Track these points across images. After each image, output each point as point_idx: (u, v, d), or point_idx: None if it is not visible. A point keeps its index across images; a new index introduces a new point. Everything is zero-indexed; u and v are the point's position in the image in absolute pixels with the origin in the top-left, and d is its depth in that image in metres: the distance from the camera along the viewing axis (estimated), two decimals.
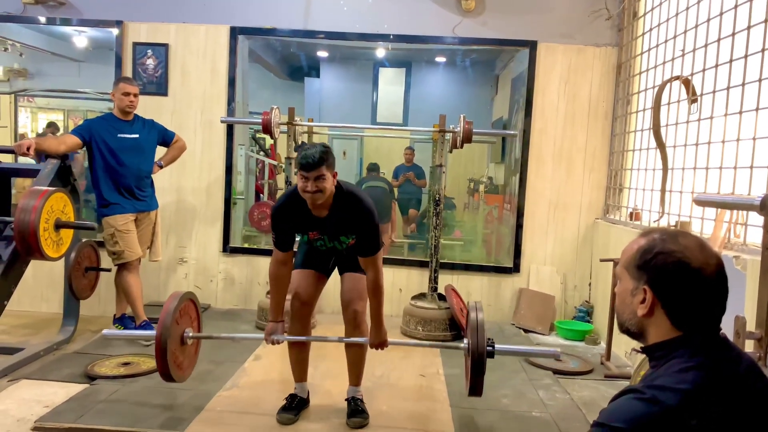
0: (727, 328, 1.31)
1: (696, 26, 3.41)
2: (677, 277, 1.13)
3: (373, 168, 6.75)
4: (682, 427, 1.02)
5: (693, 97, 3.30)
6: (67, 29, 5.37)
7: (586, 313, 4.56)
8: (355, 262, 2.72)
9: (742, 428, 1.06)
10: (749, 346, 2.04)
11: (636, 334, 1.22)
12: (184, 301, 2.68)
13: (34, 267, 3.89)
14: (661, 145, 3.51)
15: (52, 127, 6.54)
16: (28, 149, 3.35)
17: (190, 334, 2.72)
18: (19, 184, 4.73)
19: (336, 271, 2.90)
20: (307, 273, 2.79)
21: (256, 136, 6.40)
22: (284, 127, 4.33)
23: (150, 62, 4.68)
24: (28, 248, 2.97)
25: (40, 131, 6.60)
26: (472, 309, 2.59)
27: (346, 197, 2.57)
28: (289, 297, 2.77)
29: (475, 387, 2.53)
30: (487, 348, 2.49)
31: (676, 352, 1.13)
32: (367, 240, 2.59)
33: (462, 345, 2.72)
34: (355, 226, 2.59)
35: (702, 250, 1.14)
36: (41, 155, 3.51)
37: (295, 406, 2.81)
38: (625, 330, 1.25)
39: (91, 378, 3.16)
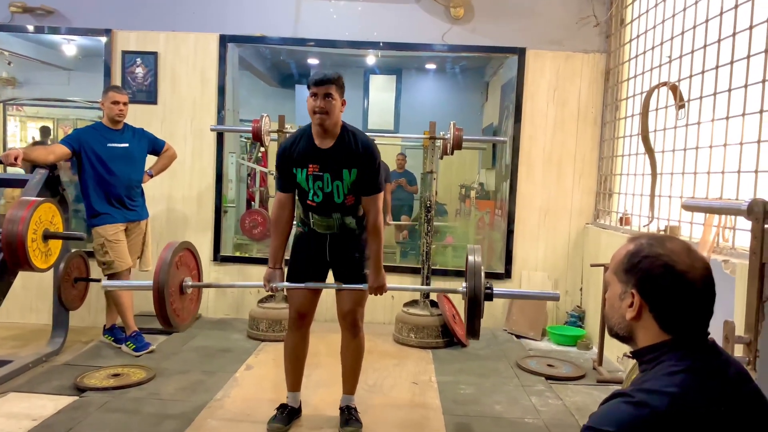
0: (716, 332, 1.31)
1: (683, 33, 3.44)
2: (663, 280, 1.14)
3: None
4: (670, 430, 1.02)
5: (680, 103, 3.33)
6: (55, 38, 5.35)
7: (577, 319, 4.57)
8: (353, 265, 2.71)
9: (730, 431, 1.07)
10: (738, 351, 2.04)
11: (625, 338, 1.23)
12: (181, 249, 2.62)
13: (22, 278, 3.84)
14: (649, 151, 3.54)
15: (45, 135, 6.50)
16: (15, 159, 3.32)
17: (189, 283, 2.69)
18: (7, 194, 4.69)
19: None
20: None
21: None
22: (275, 135, 4.33)
23: (139, 71, 4.67)
24: (16, 259, 2.94)
25: (30, 140, 6.56)
26: (470, 252, 2.55)
27: (351, 132, 2.62)
28: (286, 305, 2.77)
29: (473, 329, 2.49)
30: (486, 291, 2.45)
31: (664, 356, 1.14)
32: (369, 175, 2.59)
33: (461, 289, 2.64)
34: (358, 159, 2.58)
35: (688, 254, 1.15)
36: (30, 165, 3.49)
37: (287, 415, 2.79)
38: (614, 334, 1.26)
39: (80, 390, 3.13)
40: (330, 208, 2.65)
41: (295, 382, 2.87)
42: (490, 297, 2.47)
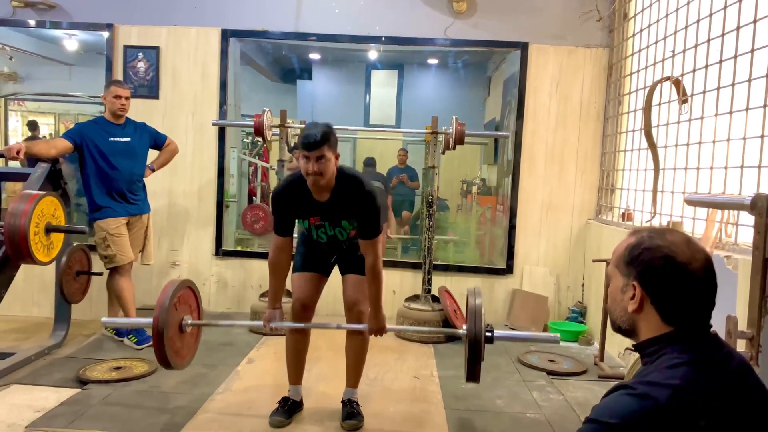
0: (719, 327, 1.31)
1: (686, 27, 3.42)
2: (664, 272, 1.14)
3: (370, 163, 6.60)
4: (672, 422, 1.02)
5: (683, 98, 3.32)
6: (57, 32, 5.35)
7: (579, 314, 4.57)
8: (357, 262, 2.73)
9: (732, 424, 1.06)
10: (741, 346, 2.04)
11: (628, 331, 1.23)
12: (182, 288, 2.61)
13: (25, 271, 3.85)
14: (652, 146, 3.53)
15: (33, 128, 6.50)
16: (18, 153, 3.32)
17: (189, 321, 2.68)
18: (9, 188, 4.70)
19: (336, 270, 2.89)
20: (307, 276, 2.79)
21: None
22: (276, 130, 4.33)
23: (141, 65, 4.66)
24: (18, 252, 2.95)
25: (29, 134, 6.57)
26: (471, 294, 2.56)
27: (347, 180, 2.57)
28: (288, 299, 2.79)
29: (473, 373, 2.50)
30: (486, 334, 2.46)
31: (666, 348, 1.13)
32: (369, 223, 2.59)
33: (461, 332, 2.65)
34: (356, 210, 2.57)
35: (688, 246, 1.15)
36: (31, 159, 3.49)
37: (288, 409, 2.79)
38: (617, 328, 1.26)
39: (82, 382, 3.14)
40: (335, 244, 2.73)
41: (296, 375, 2.88)
42: (490, 340, 2.47)
